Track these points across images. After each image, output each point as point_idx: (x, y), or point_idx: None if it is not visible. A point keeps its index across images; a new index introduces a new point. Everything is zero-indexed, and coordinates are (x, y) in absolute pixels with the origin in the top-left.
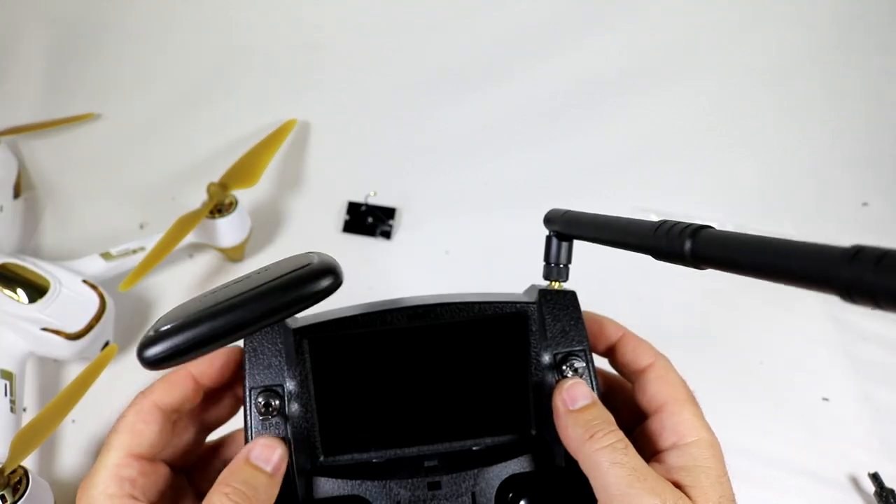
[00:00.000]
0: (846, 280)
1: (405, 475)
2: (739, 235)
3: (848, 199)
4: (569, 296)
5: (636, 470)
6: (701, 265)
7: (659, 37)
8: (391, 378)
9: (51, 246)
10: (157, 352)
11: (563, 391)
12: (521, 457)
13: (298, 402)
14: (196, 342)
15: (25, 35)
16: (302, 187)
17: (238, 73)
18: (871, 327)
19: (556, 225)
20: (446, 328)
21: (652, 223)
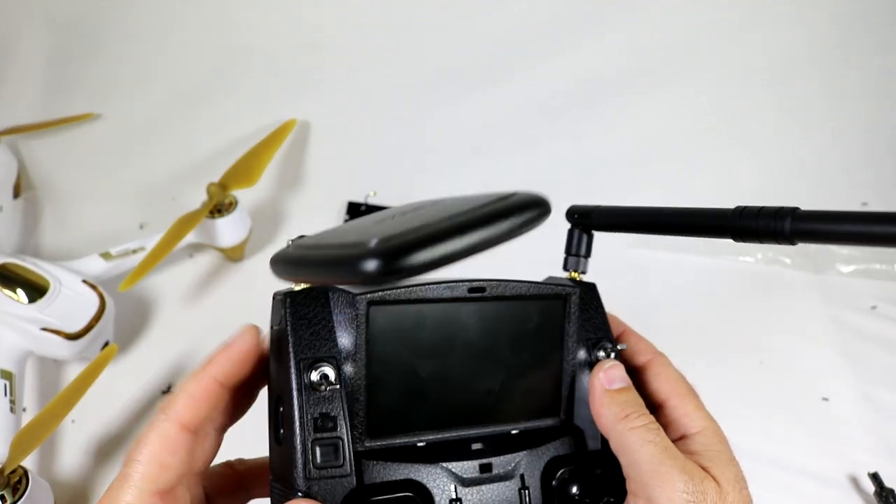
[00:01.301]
0: None
1: (456, 458)
2: (829, 211)
3: (848, 198)
4: (592, 287)
5: (667, 449)
6: (795, 240)
7: (659, 37)
8: (440, 356)
9: (50, 246)
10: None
11: (601, 370)
12: (559, 440)
13: (351, 378)
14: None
15: (25, 35)
16: (302, 187)
17: (238, 73)
18: (870, 327)
19: (584, 218)
20: (497, 304)
21: (725, 209)
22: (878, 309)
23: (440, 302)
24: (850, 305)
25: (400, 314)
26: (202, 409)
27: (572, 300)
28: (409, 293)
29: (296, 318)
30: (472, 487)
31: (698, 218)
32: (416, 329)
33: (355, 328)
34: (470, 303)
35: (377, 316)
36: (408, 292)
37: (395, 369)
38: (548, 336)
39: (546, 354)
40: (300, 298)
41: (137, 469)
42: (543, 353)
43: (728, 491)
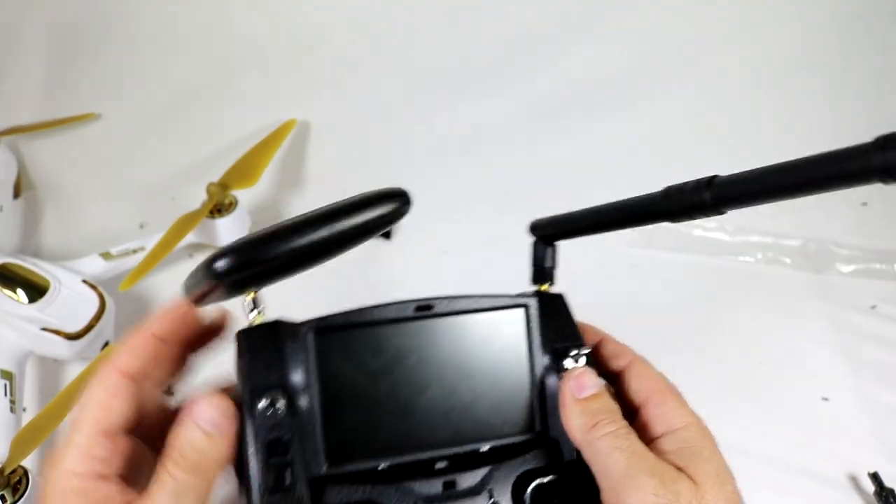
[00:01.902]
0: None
1: (419, 477)
2: (753, 171)
3: (848, 198)
4: (559, 298)
5: (636, 453)
6: (722, 209)
7: (658, 38)
8: (396, 377)
9: (51, 246)
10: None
11: (571, 379)
12: (530, 453)
13: (302, 404)
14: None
15: (26, 35)
16: (301, 187)
17: (238, 73)
18: (870, 327)
19: (544, 230)
20: (449, 321)
21: (654, 193)
22: (878, 308)
23: (388, 323)
24: (849, 305)
25: (348, 338)
26: (140, 358)
27: (530, 311)
28: (353, 317)
29: (248, 351)
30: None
31: (635, 208)
32: (367, 352)
33: (304, 356)
34: (421, 321)
35: (324, 342)
36: (352, 315)
37: (349, 394)
38: (510, 349)
39: (511, 368)
40: (252, 333)
41: (84, 412)
42: (507, 366)
43: (706, 488)
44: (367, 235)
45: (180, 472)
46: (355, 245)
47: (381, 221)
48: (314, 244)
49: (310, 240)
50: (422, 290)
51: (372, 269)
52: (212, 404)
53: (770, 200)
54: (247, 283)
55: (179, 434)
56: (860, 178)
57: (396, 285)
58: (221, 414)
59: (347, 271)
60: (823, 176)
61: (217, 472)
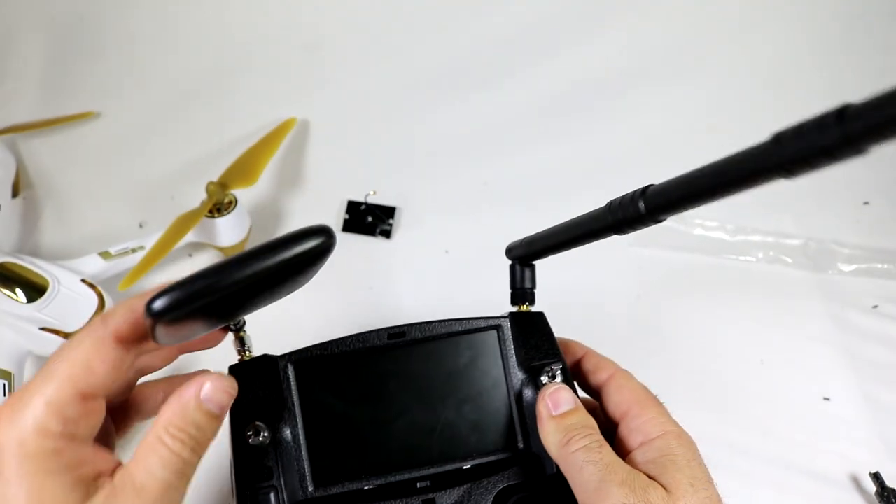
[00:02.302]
0: (779, 162)
1: (399, 497)
2: (681, 177)
3: (848, 197)
4: (538, 316)
5: (608, 465)
6: (659, 217)
7: (658, 37)
8: (377, 404)
9: (49, 245)
10: (161, 304)
11: (546, 396)
12: (511, 469)
13: (286, 432)
14: (198, 293)
15: (24, 33)
16: (301, 186)
17: (237, 71)
18: (872, 327)
19: (517, 251)
20: (423, 346)
21: (600, 209)
22: (880, 308)
23: (364, 351)
24: (851, 305)
25: (326, 368)
26: (139, 327)
27: (503, 331)
28: (328, 347)
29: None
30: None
31: (584, 225)
32: (345, 380)
33: (286, 387)
34: (396, 349)
35: (303, 373)
36: (327, 346)
37: (331, 420)
38: (487, 370)
39: (489, 388)
40: (239, 369)
41: (62, 367)
42: (486, 387)
43: (678, 495)
44: (293, 272)
45: (187, 452)
46: (286, 283)
47: (307, 257)
48: (240, 280)
49: (235, 277)
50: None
51: (371, 269)
52: (221, 387)
53: (697, 204)
54: (183, 319)
55: (186, 412)
56: (766, 175)
57: (395, 285)
58: (229, 397)
59: (346, 270)
60: (737, 176)
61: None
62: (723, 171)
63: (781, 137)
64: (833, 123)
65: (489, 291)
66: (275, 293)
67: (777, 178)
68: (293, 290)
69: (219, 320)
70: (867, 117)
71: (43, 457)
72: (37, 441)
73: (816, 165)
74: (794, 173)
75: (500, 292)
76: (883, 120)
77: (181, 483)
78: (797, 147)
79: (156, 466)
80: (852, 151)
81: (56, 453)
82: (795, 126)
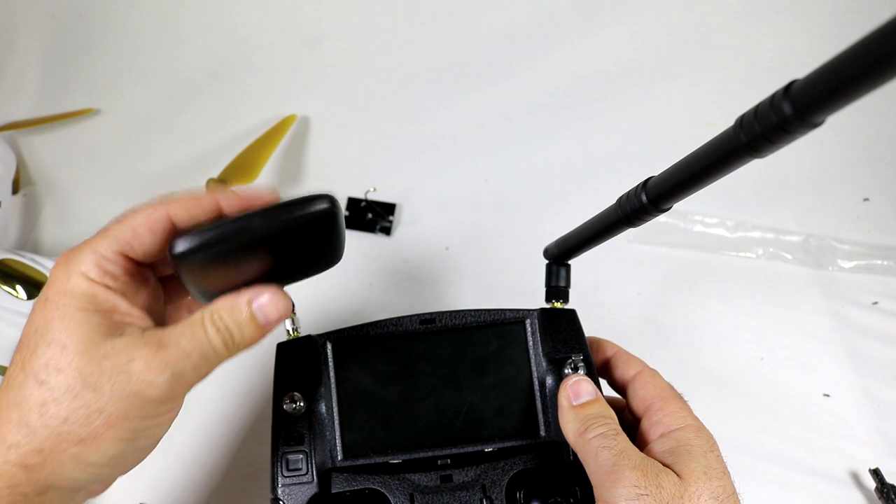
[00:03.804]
0: (745, 143)
1: (419, 471)
2: (672, 166)
3: (849, 194)
4: (569, 314)
5: (622, 451)
6: (662, 206)
7: (659, 33)
8: (407, 384)
9: (50, 242)
10: (185, 247)
11: (567, 387)
12: (529, 454)
13: (321, 404)
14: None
15: (24, 30)
16: (301, 183)
17: (238, 68)
18: (872, 323)
19: (552, 251)
20: (453, 333)
21: (613, 206)
22: (880, 305)
23: (397, 335)
24: (851, 301)
25: (361, 348)
26: (190, 215)
27: (528, 324)
28: (366, 329)
29: (279, 362)
30: (429, 496)
31: (602, 221)
32: (379, 361)
33: (324, 364)
34: (427, 334)
35: (340, 352)
36: (365, 328)
37: (364, 397)
38: (513, 359)
39: (514, 377)
40: (285, 346)
41: (116, 227)
42: (511, 375)
43: (690, 482)
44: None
45: (219, 342)
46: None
47: (311, 217)
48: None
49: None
50: (422, 287)
51: (371, 266)
52: (274, 302)
53: (688, 191)
54: (202, 264)
55: (235, 310)
56: (737, 157)
57: (396, 282)
58: (279, 313)
59: (346, 267)
60: (714, 160)
61: (240, 352)
62: (702, 157)
63: (743, 120)
64: (782, 99)
65: (490, 288)
66: (298, 261)
67: (748, 159)
68: (319, 262)
69: (249, 275)
70: (811, 89)
71: (79, 295)
72: (78, 282)
73: (777, 142)
74: (760, 152)
75: (500, 289)
76: (825, 90)
77: (199, 365)
78: (757, 126)
79: (186, 338)
80: (804, 124)
81: (91, 295)
82: (754, 108)
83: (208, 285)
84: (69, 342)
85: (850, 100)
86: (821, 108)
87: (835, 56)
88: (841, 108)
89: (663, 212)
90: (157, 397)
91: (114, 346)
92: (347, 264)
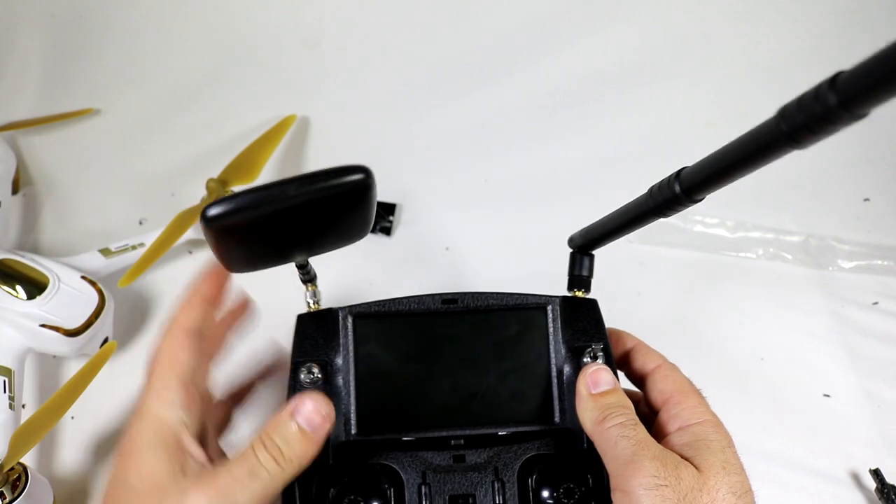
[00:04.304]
0: (787, 133)
1: (433, 449)
2: (708, 157)
3: (849, 194)
4: (591, 303)
5: (641, 441)
6: (695, 197)
7: (659, 33)
8: (425, 363)
9: (49, 242)
10: (219, 210)
11: (586, 375)
12: (543, 440)
13: (339, 378)
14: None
15: (24, 30)
16: None
17: (238, 68)
18: (872, 324)
19: (577, 241)
20: (474, 315)
21: (643, 195)
22: (880, 305)
23: (418, 313)
24: (851, 301)
25: (383, 324)
26: (196, 317)
27: (549, 310)
28: (388, 305)
29: (299, 333)
30: (442, 475)
31: (631, 211)
32: (399, 338)
33: (344, 337)
34: (448, 315)
35: (361, 326)
36: (387, 304)
37: (382, 373)
38: (532, 345)
39: (532, 362)
40: (306, 318)
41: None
42: (529, 360)
43: (709, 475)
44: (335, 202)
45: (272, 464)
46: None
47: (347, 188)
48: (288, 197)
49: (284, 192)
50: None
51: (371, 266)
52: (317, 407)
53: (725, 181)
54: (235, 229)
55: (279, 425)
56: (778, 148)
57: (396, 282)
58: (323, 418)
59: (347, 269)
60: (753, 150)
61: (300, 468)
62: (740, 148)
63: (785, 111)
64: (827, 90)
65: (490, 289)
66: (327, 232)
67: (788, 150)
68: (346, 235)
69: (278, 248)
70: (858, 81)
71: (168, 428)
72: (170, 413)
73: (820, 133)
74: (801, 143)
75: (500, 289)
76: (873, 81)
77: (251, 486)
78: (800, 117)
79: (243, 471)
80: (849, 116)
81: (174, 430)
82: (796, 99)
83: (239, 252)
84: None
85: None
86: (868, 99)
87: (883, 48)
88: (887, 101)
89: (696, 202)
90: None
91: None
92: (347, 265)
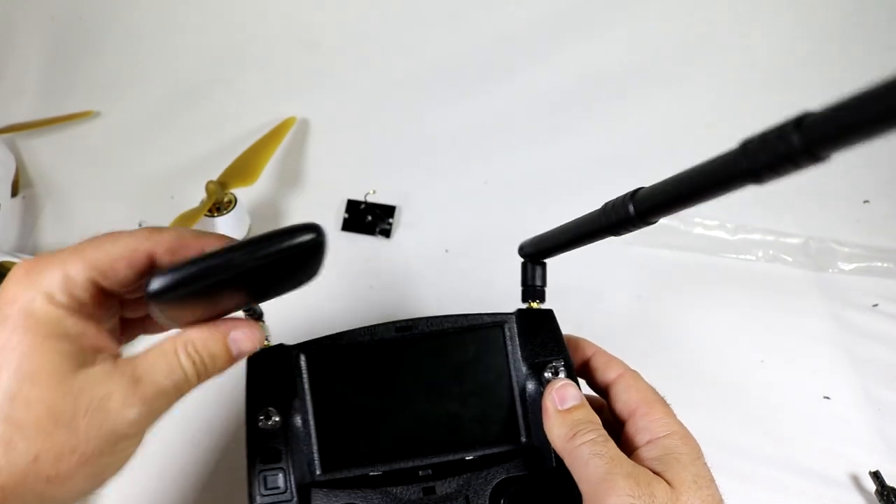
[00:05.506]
0: (747, 169)
1: (401, 483)
2: (665, 181)
3: (849, 196)
4: (546, 314)
5: (613, 459)
6: (649, 219)
7: (659, 35)
8: (385, 394)
9: (49, 244)
10: (160, 285)
11: (552, 391)
12: (512, 461)
13: (297, 417)
14: (195, 275)
15: (24, 32)
16: (301, 185)
17: (237, 70)
18: (872, 326)
19: (528, 249)
20: (430, 339)
21: (595, 211)
22: (880, 307)
23: (372, 343)
24: (851, 303)
25: (336, 358)
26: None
27: (506, 329)
28: (339, 338)
29: (251, 376)
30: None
31: (583, 226)
32: (356, 370)
33: (298, 376)
34: (404, 342)
35: (315, 363)
36: (338, 337)
37: (341, 409)
38: (492, 365)
39: (494, 382)
40: (256, 357)
41: (92, 252)
42: (490, 381)
43: (682, 491)
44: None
45: (192, 372)
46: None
47: (298, 250)
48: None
49: (230, 262)
50: (422, 288)
51: (371, 268)
52: (250, 335)
53: (680, 207)
54: (179, 300)
55: (209, 341)
56: (736, 181)
57: (395, 285)
58: (252, 347)
59: (346, 269)
60: (712, 181)
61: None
62: (699, 176)
63: (747, 145)
64: (792, 131)
65: (489, 290)
66: (276, 286)
67: (747, 184)
68: (297, 284)
69: (223, 305)
70: (823, 126)
71: (45, 321)
72: (44, 306)
73: (781, 172)
74: (761, 179)
75: (500, 291)
76: (838, 128)
77: (172, 395)
78: (762, 155)
79: (160, 370)
80: (811, 159)
81: (58, 320)
82: (760, 134)
83: (184, 318)
84: (38, 374)
85: (865, 140)
86: (833, 144)
87: (852, 94)
88: (852, 148)
89: (649, 224)
90: (132, 433)
91: (87, 378)
92: (347, 267)
